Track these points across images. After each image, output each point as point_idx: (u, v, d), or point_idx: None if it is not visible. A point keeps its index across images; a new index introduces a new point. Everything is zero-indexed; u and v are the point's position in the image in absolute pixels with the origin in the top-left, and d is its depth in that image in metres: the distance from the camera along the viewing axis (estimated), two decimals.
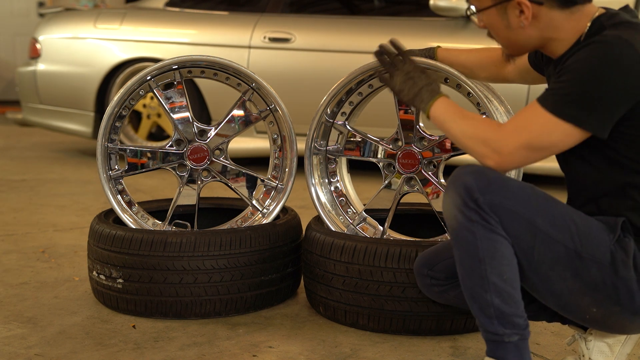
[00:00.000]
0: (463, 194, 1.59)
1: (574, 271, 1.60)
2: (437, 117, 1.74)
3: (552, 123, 1.58)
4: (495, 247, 1.59)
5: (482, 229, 1.59)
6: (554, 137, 1.58)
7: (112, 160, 2.45)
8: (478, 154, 1.65)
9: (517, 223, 1.59)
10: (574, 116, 1.56)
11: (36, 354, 1.98)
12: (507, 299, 1.61)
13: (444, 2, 4.38)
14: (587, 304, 1.64)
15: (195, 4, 5.23)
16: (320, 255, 2.19)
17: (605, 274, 1.60)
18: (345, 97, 2.33)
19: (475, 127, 1.67)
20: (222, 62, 2.40)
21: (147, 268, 2.18)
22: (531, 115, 1.61)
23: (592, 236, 1.61)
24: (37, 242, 3.12)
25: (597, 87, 1.54)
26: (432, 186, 2.26)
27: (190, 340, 2.08)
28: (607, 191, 1.66)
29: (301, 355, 1.99)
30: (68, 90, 5.22)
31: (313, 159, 2.38)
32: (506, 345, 1.62)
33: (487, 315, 1.62)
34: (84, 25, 5.24)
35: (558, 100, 1.58)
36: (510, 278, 1.61)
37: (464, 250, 1.62)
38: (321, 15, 4.95)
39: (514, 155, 1.60)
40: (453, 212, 1.62)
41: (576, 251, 1.60)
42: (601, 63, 1.55)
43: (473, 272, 1.62)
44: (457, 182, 1.61)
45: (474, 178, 1.60)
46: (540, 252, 1.60)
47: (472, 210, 1.59)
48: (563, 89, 1.58)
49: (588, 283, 1.61)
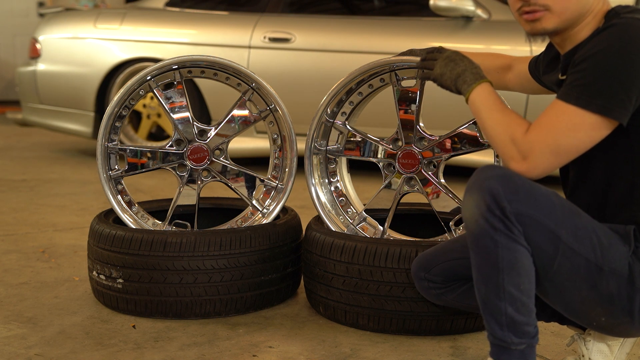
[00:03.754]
0: (488, 200, 1.52)
1: (591, 283, 1.57)
2: (475, 103, 1.67)
3: (579, 117, 1.51)
4: (516, 257, 1.54)
5: (505, 238, 1.53)
6: (581, 134, 1.52)
7: (112, 160, 2.45)
8: (505, 154, 1.58)
9: (541, 234, 1.53)
10: (602, 105, 1.50)
11: (36, 354, 1.98)
12: (520, 308, 1.56)
13: (444, 2, 4.38)
14: (598, 313, 1.61)
15: (195, 4, 5.23)
16: (320, 255, 2.19)
17: (622, 286, 1.56)
18: (346, 97, 2.33)
19: (507, 124, 1.60)
20: (222, 62, 2.40)
21: (147, 268, 2.18)
22: (555, 114, 1.54)
23: (612, 249, 1.57)
24: (37, 242, 3.12)
25: (620, 71, 1.49)
26: (432, 186, 2.26)
27: (190, 340, 2.08)
28: (615, 194, 1.63)
29: (301, 355, 1.99)
30: (68, 90, 5.23)
31: (313, 159, 2.38)
32: (512, 352, 1.59)
33: (498, 322, 1.58)
34: (84, 25, 5.24)
35: (581, 91, 1.51)
36: (527, 288, 1.56)
37: (483, 256, 1.57)
38: (321, 15, 4.95)
39: (540, 160, 1.54)
40: (475, 216, 1.55)
41: (597, 264, 1.56)
42: (623, 45, 1.49)
43: (489, 279, 1.57)
44: (482, 186, 1.54)
45: (501, 184, 1.52)
46: (561, 263, 1.55)
47: (496, 218, 1.52)
48: (584, 78, 1.52)
49: (604, 295, 1.57)
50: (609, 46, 1.51)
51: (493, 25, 4.44)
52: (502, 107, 1.65)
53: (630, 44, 1.50)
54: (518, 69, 2.02)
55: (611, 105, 1.50)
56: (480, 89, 1.68)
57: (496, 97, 1.67)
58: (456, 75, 1.73)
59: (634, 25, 1.52)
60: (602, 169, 1.64)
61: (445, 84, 1.77)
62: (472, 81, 1.70)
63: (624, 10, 1.59)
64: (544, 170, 1.56)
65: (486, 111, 1.65)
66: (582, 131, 1.52)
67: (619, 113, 1.51)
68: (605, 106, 1.50)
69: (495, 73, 2.07)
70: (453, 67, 1.75)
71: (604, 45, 1.52)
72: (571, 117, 1.52)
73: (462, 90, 1.72)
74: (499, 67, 2.06)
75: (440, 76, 1.78)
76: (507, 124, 1.60)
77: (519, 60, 2.03)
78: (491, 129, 1.63)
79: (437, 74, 1.78)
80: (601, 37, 1.53)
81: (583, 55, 1.54)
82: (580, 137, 1.53)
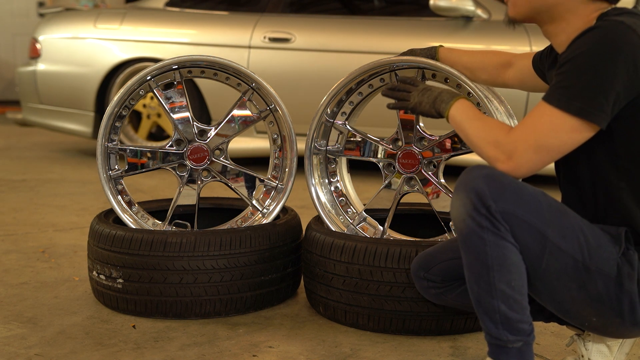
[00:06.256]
0: (474, 199, 1.55)
1: (579, 283, 1.58)
2: (455, 117, 1.71)
3: (560, 119, 1.53)
4: (505, 254, 1.56)
5: (492, 235, 1.55)
6: (562, 135, 1.54)
7: (112, 160, 2.45)
8: (491, 158, 1.61)
9: (528, 233, 1.55)
10: (580, 108, 1.52)
11: (36, 354, 1.98)
12: (513, 305, 1.58)
13: (444, 2, 4.39)
14: (589, 313, 1.62)
15: (195, 4, 5.23)
16: (320, 255, 2.19)
17: (610, 286, 1.57)
18: (346, 97, 2.33)
19: (489, 129, 1.63)
20: (222, 62, 2.40)
21: (147, 268, 2.18)
22: (538, 115, 1.56)
23: (600, 249, 1.58)
24: (37, 242, 3.12)
25: (600, 75, 1.50)
26: (432, 186, 2.26)
27: (190, 340, 2.08)
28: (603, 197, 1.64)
29: (301, 355, 1.99)
30: (68, 90, 5.23)
31: (313, 159, 2.38)
32: (509, 350, 1.60)
33: (492, 320, 1.60)
34: (84, 25, 5.24)
35: (562, 93, 1.53)
36: (518, 285, 1.58)
37: (473, 255, 1.59)
38: (321, 15, 4.95)
39: (524, 159, 1.56)
40: (462, 216, 1.58)
41: (584, 264, 1.57)
42: (603, 48, 1.51)
43: (481, 277, 1.58)
44: (469, 186, 1.56)
45: (487, 183, 1.55)
46: (549, 262, 1.57)
47: (482, 216, 1.54)
48: (565, 80, 1.54)
49: (592, 295, 1.58)
50: (589, 49, 1.52)
51: (493, 25, 4.44)
52: (481, 116, 1.69)
53: (610, 47, 1.51)
54: (520, 65, 2.02)
55: (590, 109, 1.52)
56: (458, 104, 1.73)
57: (474, 108, 1.72)
58: (433, 99, 1.79)
59: (616, 28, 1.53)
60: (588, 173, 1.65)
61: (425, 109, 1.82)
62: (449, 99, 1.75)
63: (613, 12, 1.60)
64: (529, 169, 1.58)
65: (467, 122, 1.69)
66: (563, 132, 1.55)
67: (597, 117, 1.52)
68: (584, 109, 1.52)
69: (494, 70, 2.07)
70: (429, 94, 1.81)
71: (585, 47, 1.53)
72: (552, 118, 1.54)
73: (441, 109, 1.77)
74: (498, 64, 2.07)
75: (418, 104, 1.83)
76: (489, 129, 1.64)
77: (521, 56, 2.04)
78: (474, 137, 1.66)
79: (414, 102, 1.84)
80: (584, 40, 1.55)
81: (566, 57, 1.56)
82: (562, 138, 1.55)
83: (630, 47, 1.51)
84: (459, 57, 2.11)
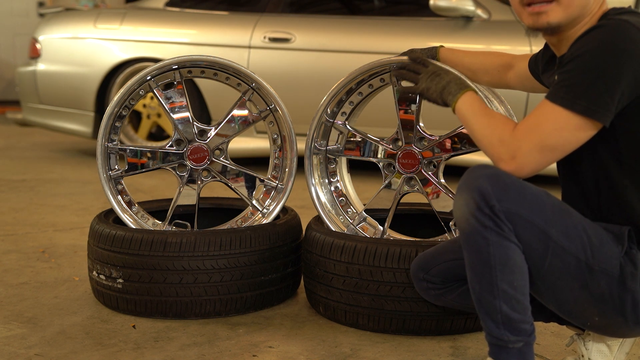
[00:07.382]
0: (478, 199, 1.54)
1: (582, 282, 1.58)
2: (462, 110, 1.70)
3: (564, 117, 1.52)
4: (508, 254, 1.55)
5: (496, 235, 1.54)
6: (567, 134, 1.53)
7: (112, 160, 2.45)
8: (494, 156, 1.60)
9: (531, 232, 1.55)
10: (586, 107, 1.51)
11: (36, 354, 1.98)
12: (515, 305, 1.58)
13: (444, 2, 4.39)
14: (591, 313, 1.62)
15: (195, 4, 5.23)
16: (320, 255, 2.19)
17: (613, 286, 1.57)
18: (346, 97, 2.33)
19: (494, 127, 1.62)
20: (222, 62, 2.40)
21: (147, 268, 2.18)
22: (541, 114, 1.55)
23: (603, 249, 1.58)
24: (37, 242, 3.12)
25: (605, 73, 1.50)
26: (432, 186, 2.26)
27: (190, 340, 2.08)
28: (606, 196, 1.64)
29: (301, 355, 1.99)
30: (68, 90, 5.23)
31: (313, 159, 2.38)
32: (510, 350, 1.60)
33: (493, 320, 1.59)
34: (84, 25, 5.24)
35: (567, 92, 1.53)
36: (521, 285, 1.57)
37: (475, 255, 1.58)
38: (321, 15, 4.95)
39: (528, 159, 1.55)
40: (465, 215, 1.57)
41: (587, 264, 1.57)
42: (608, 46, 1.50)
43: (483, 277, 1.58)
44: (472, 186, 1.55)
45: (490, 183, 1.54)
46: (552, 262, 1.56)
47: (486, 216, 1.54)
48: (570, 79, 1.53)
49: (595, 295, 1.58)
50: (595, 47, 1.52)
51: (493, 25, 4.44)
52: (488, 112, 1.67)
53: (615, 45, 1.51)
54: (519, 67, 2.02)
55: (595, 107, 1.51)
56: (465, 97, 1.72)
57: (481, 102, 1.70)
58: (441, 88, 1.78)
59: (621, 27, 1.52)
60: (591, 171, 1.65)
61: (432, 97, 1.81)
62: (457, 91, 1.74)
63: (615, 12, 1.60)
64: (532, 169, 1.58)
65: (473, 117, 1.68)
66: (567, 131, 1.54)
67: (602, 115, 1.52)
68: (589, 108, 1.51)
69: (496, 72, 2.07)
70: (438, 80, 1.79)
71: (590, 46, 1.52)
72: (557, 117, 1.54)
73: (448, 101, 1.76)
74: (500, 66, 2.06)
75: (426, 90, 1.82)
76: (494, 126, 1.62)
77: (520, 58, 2.04)
78: (479, 133, 1.65)
79: (422, 88, 1.83)
80: (588, 38, 1.54)
81: (571, 55, 1.56)
82: (566, 136, 1.54)
83: (634, 46, 1.50)
84: (460, 58, 2.11)
